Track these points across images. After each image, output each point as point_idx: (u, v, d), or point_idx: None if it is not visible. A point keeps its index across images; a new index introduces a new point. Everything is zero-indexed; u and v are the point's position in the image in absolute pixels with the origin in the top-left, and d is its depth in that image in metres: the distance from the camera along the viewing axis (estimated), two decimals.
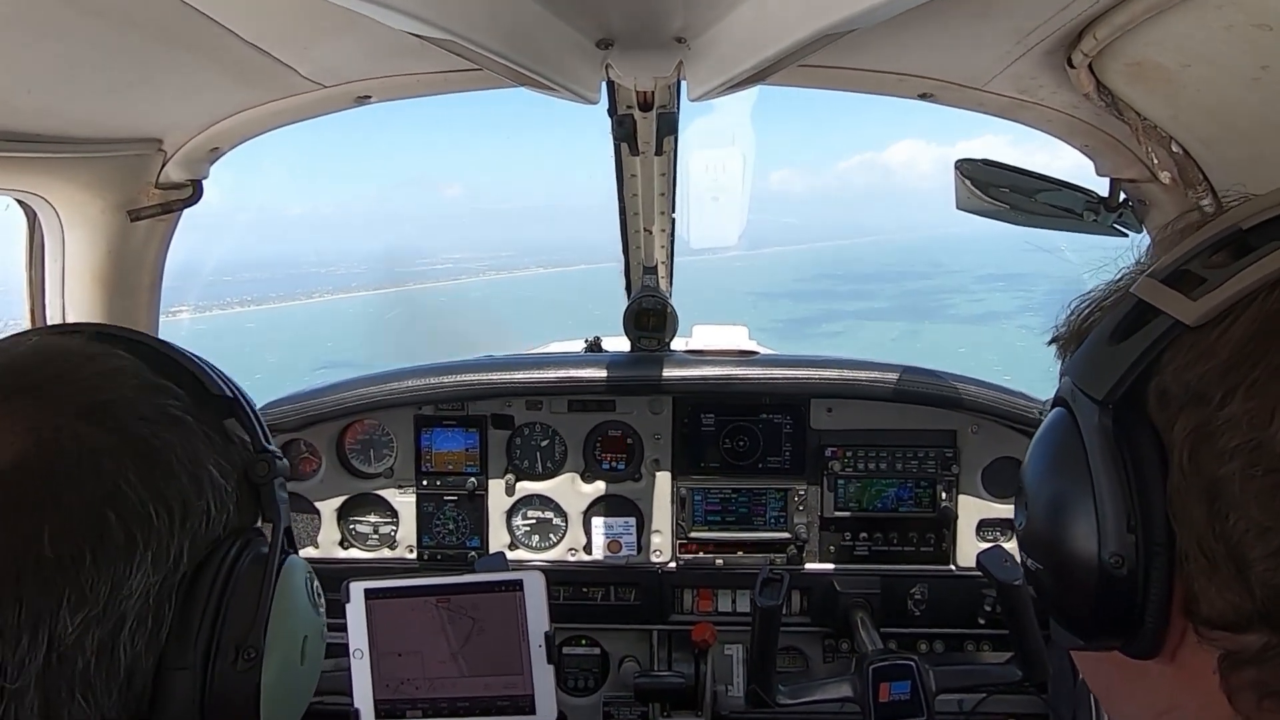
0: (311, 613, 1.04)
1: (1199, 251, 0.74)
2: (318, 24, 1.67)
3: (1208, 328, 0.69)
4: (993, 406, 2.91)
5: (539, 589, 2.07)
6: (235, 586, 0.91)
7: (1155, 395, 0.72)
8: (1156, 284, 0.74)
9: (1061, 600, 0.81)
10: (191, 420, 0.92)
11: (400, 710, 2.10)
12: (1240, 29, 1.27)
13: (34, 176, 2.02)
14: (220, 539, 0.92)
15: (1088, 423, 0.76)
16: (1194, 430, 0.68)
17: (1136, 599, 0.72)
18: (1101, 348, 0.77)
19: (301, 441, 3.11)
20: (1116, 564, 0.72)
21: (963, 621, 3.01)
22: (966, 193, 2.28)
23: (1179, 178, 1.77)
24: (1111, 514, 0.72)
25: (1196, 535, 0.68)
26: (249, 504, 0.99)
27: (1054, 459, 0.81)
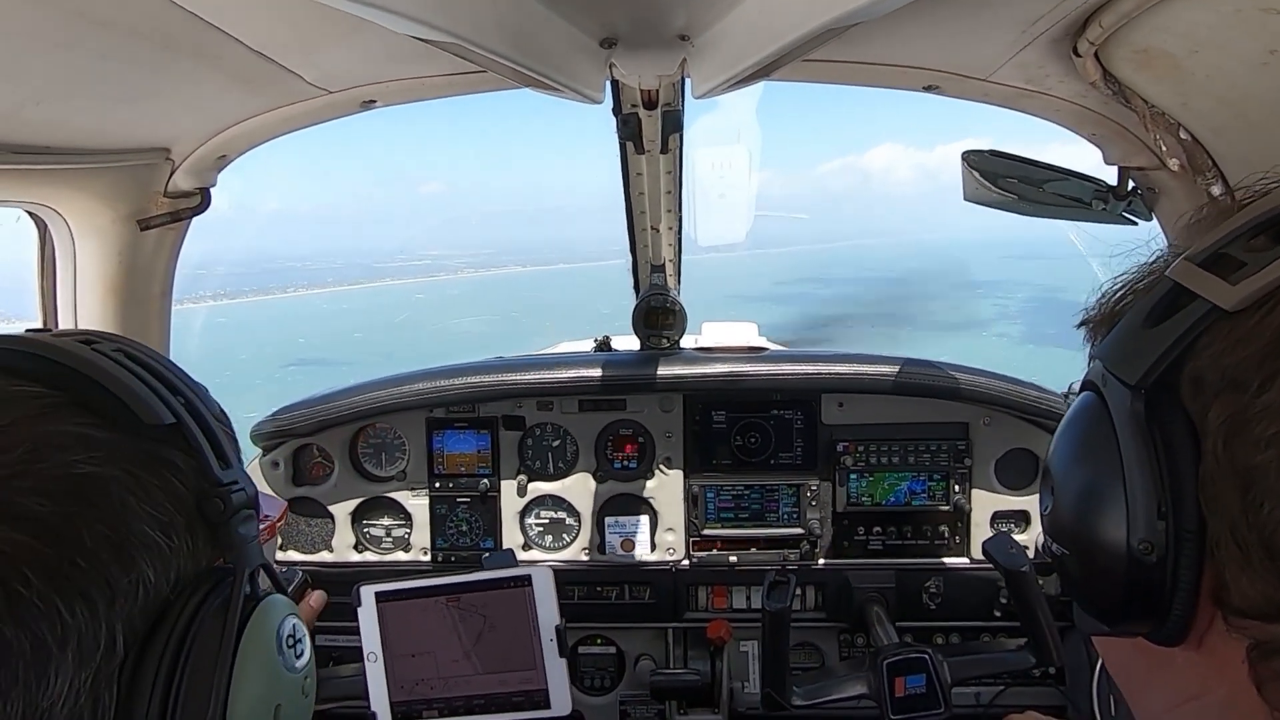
0: (284, 673, 0.90)
1: (1238, 235, 0.72)
2: (322, 30, 1.68)
3: (1246, 313, 0.67)
4: (1004, 398, 2.90)
5: (548, 583, 2.08)
6: (186, 660, 0.78)
7: (1189, 381, 0.70)
8: (1193, 267, 0.72)
9: (1087, 585, 0.80)
10: (114, 471, 0.77)
11: (416, 711, 2.11)
12: (1248, 13, 1.26)
13: (44, 188, 2.04)
14: (169, 603, 0.79)
15: (1119, 407, 0.75)
16: (1229, 417, 0.67)
17: (1165, 586, 0.71)
18: (1135, 331, 0.75)
19: (314, 446, 3.12)
20: (1146, 550, 0.71)
21: (978, 614, 3.00)
22: (974, 184, 2.27)
23: (1188, 164, 1.75)
24: (1142, 500, 0.71)
25: (1229, 523, 0.67)
26: (208, 544, 0.85)
27: (1083, 443, 0.80)
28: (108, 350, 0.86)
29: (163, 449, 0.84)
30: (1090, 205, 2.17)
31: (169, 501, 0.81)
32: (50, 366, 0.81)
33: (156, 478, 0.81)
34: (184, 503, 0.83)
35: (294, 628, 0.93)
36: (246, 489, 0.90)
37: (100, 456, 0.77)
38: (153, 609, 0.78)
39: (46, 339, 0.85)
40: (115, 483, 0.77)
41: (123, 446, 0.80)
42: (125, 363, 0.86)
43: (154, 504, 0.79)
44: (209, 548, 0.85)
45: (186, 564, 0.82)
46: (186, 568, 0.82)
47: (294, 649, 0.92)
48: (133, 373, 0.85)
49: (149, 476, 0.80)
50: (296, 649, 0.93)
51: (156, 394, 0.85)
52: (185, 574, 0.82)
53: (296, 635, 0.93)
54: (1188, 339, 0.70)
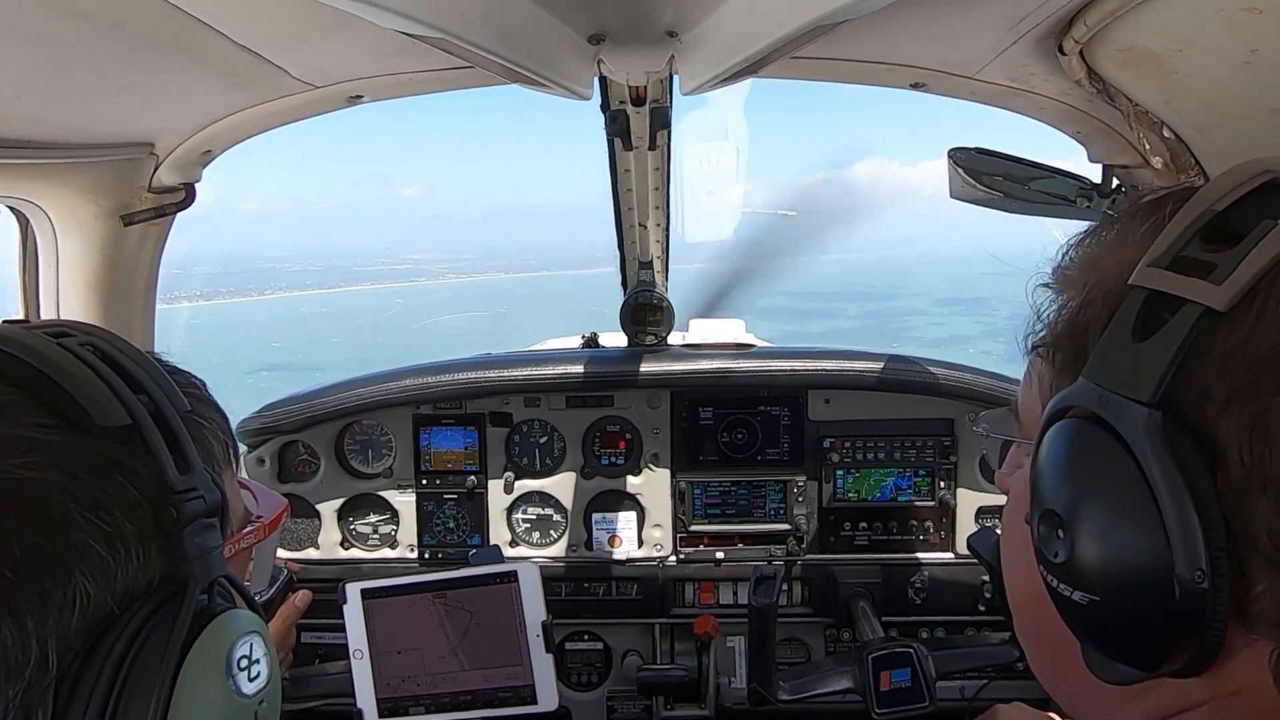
0: (232, 698, 0.82)
1: (1190, 237, 0.71)
2: (308, 24, 1.67)
3: (1239, 312, 0.66)
4: (990, 394, 2.92)
5: (534, 579, 2.08)
6: (126, 679, 0.74)
7: (1193, 390, 0.67)
8: (1163, 272, 0.70)
9: (1127, 630, 0.73)
10: (55, 478, 0.73)
11: (403, 708, 2.11)
12: (1230, 13, 1.27)
13: (26, 182, 2.02)
14: (113, 616, 0.75)
15: (1131, 429, 0.69)
16: (1250, 422, 0.64)
17: (1208, 613, 0.67)
18: (1126, 347, 0.71)
19: (300, 443, 3.11)
20: (1199, 579, 0.66)
21: (964, 608, 3.02)
22: (960, 181, 2.28)
23: (1171, 163, 1.77)
24: (1181, 525, 0.66)
25: (1265, 530, 0.64)
26: (162, 554, 0.80)
27: (1098, 475, 0.72)
28: (74, 345, 0.82)
29: (118, 451, 0.79)
30: (1075, 203, 2.18)
31: (118, 509, 0.76)
32: (10, 361, 0.78)
33: (106, 483, 0.76)
34: (137, 510, 0.78)
35: (250, 648, 0.85)
36: (206, 496, 0.83)
37: (42, 461, 0.73)
38: (94, 624, 0.74)
39: (14, 331, 0.82)
40: (56, 489, 0.73)
41: (72, 450, 0.76)
42: (87, 358, 0.81)
43: (99, 512, 0.75)
44: (164, 558, 0.80)
45: (137, 575, 0.77)
46: (137, 579, 0.77)
47: (247, 671, 0.84)
48: (94, 369, 0.80)
49: (97, 482, 0.76)
50: (250, 671, 0.84)
51: (116, 392, 0.80)
52: (135, 586, 0.77)
53: (253, 656, 0.85)
54: (1187, 345, 0.67)
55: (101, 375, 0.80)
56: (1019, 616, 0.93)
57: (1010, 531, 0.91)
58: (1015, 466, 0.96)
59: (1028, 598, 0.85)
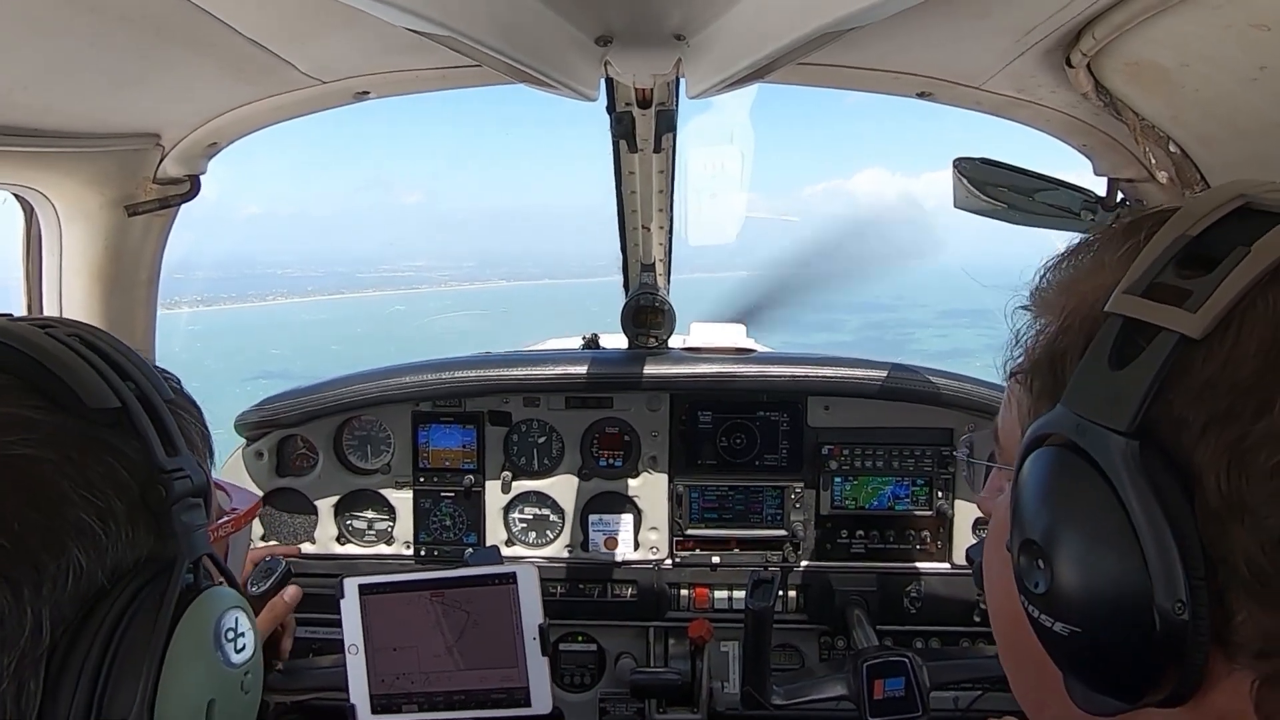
0: (221, 668, 0.86)
1: (1165, 263, 0.71)
2: (317, 19, 1.67)
3: (1214, 339, 0.66)
4: (990, 405, 2.91)
5: (532, 582, 2.08)
6: (117, 649, 0.77)
7: (1167, 419, 0.67)
8: (1139, 300, 0.70)
9: (1105, 662, 0.72)
10: (50, 455, 0.77)
11: (396, 704, 2.11)
12: (1238, 29, 1.27)
13: (31, 171, 2.02)
14: (103, 590, 0.78)
15: (1108, 459, 0.69)
16: (1227, 449, 0.64)
17: (1189, 643, 0.66)
18: (1103, 374, 0.71)
19: (299, 437, 3.11)
20: (1179, 609, 0.65)
21: (959, 619, 3.01)
22: (964, 192, 2.28)
23: (1176, 177, 1.77)
24: (1161, 555, 0.66)
25: (1244, 559, 0.64)
26: (150, 533, 0.84)
27: (1077, 505, 0.72)
28: (61, 335, 0.86)
29: (108, 434, 0.82)
30: (1079, 215, 2.18)
31: (109, 487, 0.80)
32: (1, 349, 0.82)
33: (98, 463, 0.80)
34: (126, 489, 0.81)
35: (236, 621, 0.90)
36: (193, 476, 0.87)
37: (37, 439, 0.77)
38: (86, 596, 0.77)
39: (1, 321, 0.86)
40: (50, 466, 0.76)
41: (64, 430, 0.79)
42: (76, 346, 0.85)
43: (91, 490, 0.78)
44: (151, 536, 0.84)
45: (125, 552, 0.81)
46: (125, 556, 0.81)
47: (234, 643, 0.89)
48: (81, 356, 0.84)
49: (89, 461, 0.79)
50: (236, 643, 0.89)
51: (104, 377, 0.84)
52: (124, 562, 0.81)
53: (239, 629, 0.90)
54: (1163, 374, 0.67)
55: (90, 361, 0.84)
56: (1001, 640, 0.93)
57: (991, 556, 0.91)
58: (996, 490, 0.97)
59: (1009, 624, 0.85)
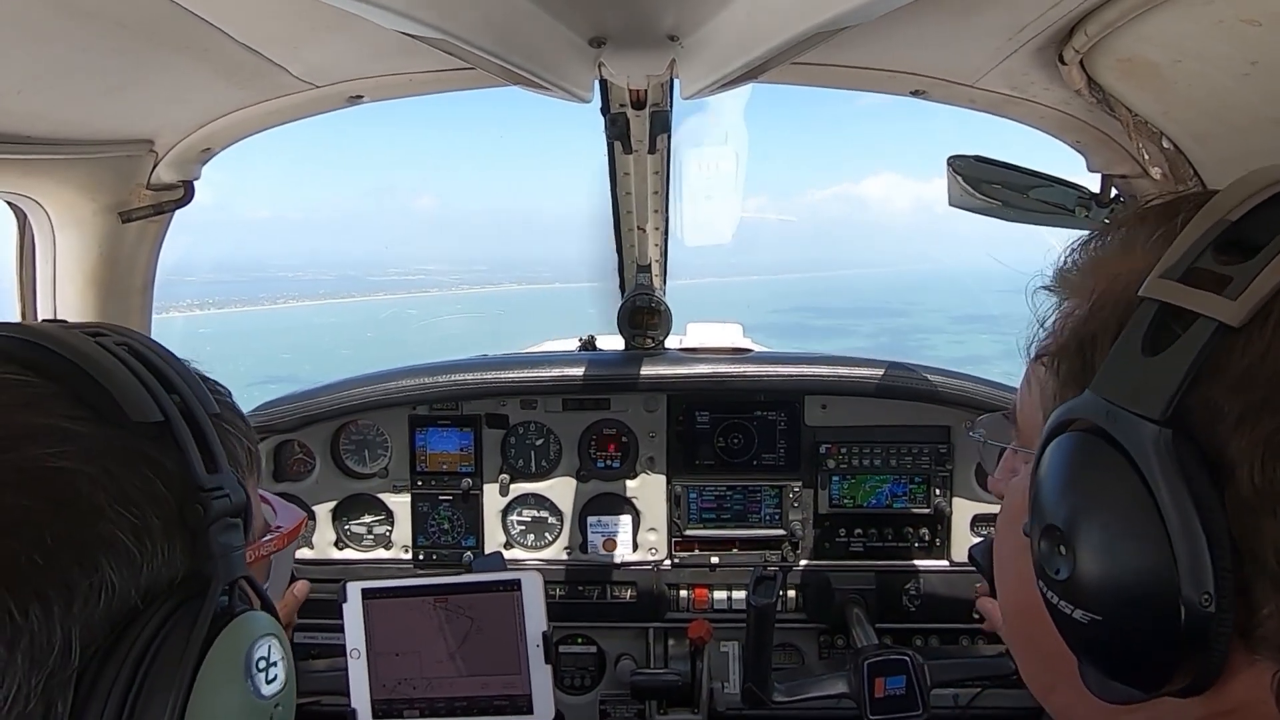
0: (250, 699, 0.83)
1: (1203, 248, 0.69)
2: (309, 24, 1.67)
3: (1253, 327, 0.64)
4: (986, 402, 2.92)
5: (537, 589, 2.07)
6: (146, 674, 0.74)
7: (1203, 407, 0.66)
8: (1176, 285, 0.69)
9: (1127, 651, 0.71)
10: (87, 469, 0.74)
11: (397, 710, 2.10)
12: (1230, 24, 1.28)
13: (25, 178, 2.01)
14: (136, 610, 0.75)
15: (1140, 446, 0.67)
16: (1264, 440, 0.63)
17: (1212, 634, 0.65)
18: (1136, 360, 0.69)
19: (296, 442, 3.10)
20: (1205, 602, 0.64)
21: (958, 616, 3.02)
22: (959, 189, 2.28)
23: (1170, 173, 1.77)
24: (1190, 546, 0.65)
25: (1274, 552, 0.63)
26: (187, 552, 0.80)
27: (1104, 492, 0.70)
28: (110, 344, 0.83)
29: (149, 447, 0.79)
30: (1074, 212, 2.18)
31: (147, 503, 0.76)
32: (47, 356, 0.79)
33: (136, 477, 0.77)
34: (164, 505, 0.78)
35: (270, 649, 0.86)
36: (232, 495, 0.84)
37: (75, 452, 0.74)
38: (118, 616, 0.74)
39: (49, 328, 0.83)
40: (87, 480, 0.73)
41: (105, 443, 0.76)
42: (123, 356, 0.82)
43: (128, 505, 0.75)
44: (187, 556, 0.80)
45: (161, 571, 0.77)
46: (161, 575, 0.77)
47: (265, 672, 0.85)
48: (129, 367, 0.81)
49: (128, 475, 0.76)
50: (269, 673, 0.85)
51: (148, 389, 0.81)
52: (159, 582, 0.77)
53: (271, 658, 0.86)
54: (1200, 361, 0.66)
55: (135, 372, 0.82)
56: (1010, 623, 0.92)
57: (1004, 539, 0.90)
58: (1010, 472, 0.95)
59: (1021, 607, 0.84)
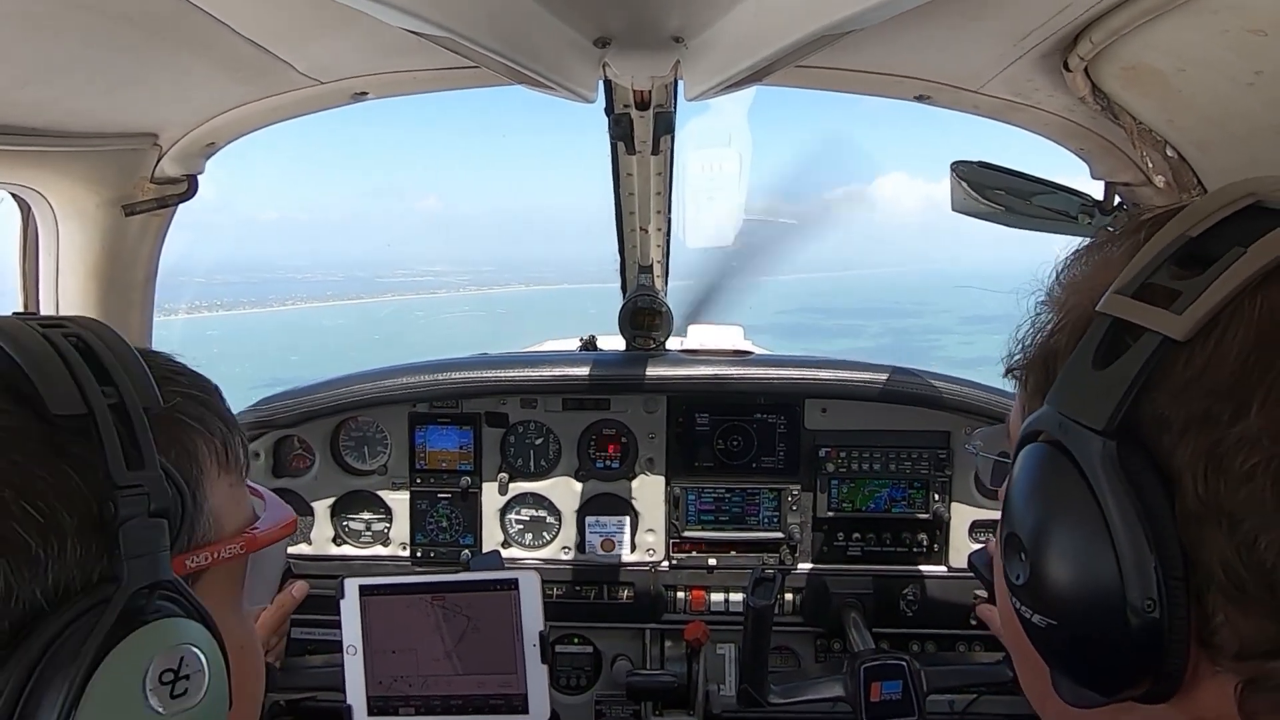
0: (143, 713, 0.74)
1: (1159, 264, 0.71)
2: (315, 20, 1.67)
3: (1197, 341, 0.66)
4: (987, 408, 2.92)
5: (534, 588, 2.07)
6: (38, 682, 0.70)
7: (1151, 420, 0.68)
8: (1128, 300, 0.71)
9: (1083, 655, 0.74)
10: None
11: (393, 707, 2.10)
12: (1235, 34, 1.28)
13: (28, 170, 2.02)
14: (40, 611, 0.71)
15: (1087, 457, 0.70)
16: (1205, 453, 0.64)
17: (1165, 641, 0.67)
18: (1086, 374, 0.72)
19: (295, 438, 3.10)
20: (1149, 608, 0.67)
21: (955, 622, 3.01)
22: (962, 194, 2.28)
23: (1173, 181, 1.77)
24: (1134, 554, 0.67)
25: (1220, 563, 0.64)
26: (103, 551, 0.75)
27: (1055, 501, 0.74)
28: (57, 335, 0.80)
29: (73, 443, 0.76)
30: (1077, 219, 2.18)
31: (57, 499, 0.73)
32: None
33: (51, 473, 0.74)
34: (77, 503, 0.74)
35: (182, 662, 0.77)
36: (153, 494, 0.79)
37: None
38: (19, 618, 0.71)
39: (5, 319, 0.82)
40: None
41: (22, 434, 0.74)
42: (64, 349, 0.79)
43: (34, 501, 0.72)
44: (105, 556, 0.75)
45: (72, 571, 0.73)
46: (72, 575, 0.73)
47: (171, 686, 0.76)
48: (64, 357, 0.78)
49: (41, 471, 0.73)
50: (175, 686, 0.76)
51: (78, 382, 0.77)
52: (71, 583, 0.73)
53: (184, 671, 0.77)
54: (1144, 375, 0.68)
55: (69, 364, 0.78)
56: (1005, 633, 0.93)
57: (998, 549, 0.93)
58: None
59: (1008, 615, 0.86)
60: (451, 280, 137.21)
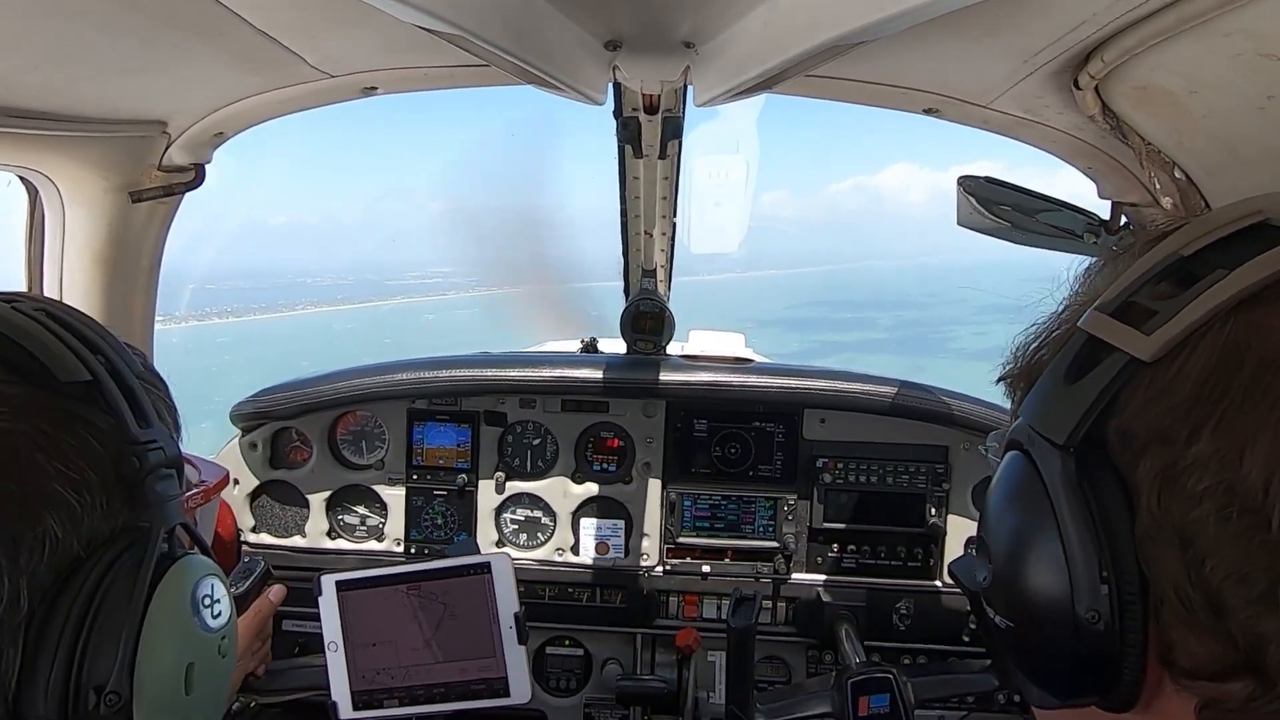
0: (198, 632, 0.89)
1: (1144, 282, 0.72)
2: (327, 13, 1.67)
3: (1164, 362, 0.66)
4: (986, 424, 2.91)
5: (507, 570, 2.07)
6: (95, 617, 0.79)
7: (1116, 436, 0.69)
8: (1105, 318, 0.72)
9: (1034, 659, 0.77)
10: (23, 427, 0.78)
11: (378, 700, 2.10)
12: (1248, 57, 1.27)
13: (37, 153, 2.02)
14: (79, 559, 0.80)
15: (1050, 469, 0.72)
16: (1160, 472, 0.65)
17: (1114, 653, 0.69)
18: (1056, 388, 0.73)
19: (293, 430, 3.11)
20: (1093, 619, 0.68)
21: (948, 637, 3.01)
22: (968, 209, 2.28)
23: (1180, 203, 1.77)
24: (1084, 566, 0.69)
25: (1171, 582, 0.65)
26: (124, 503, 0.85)
27: (1016, 509, 0.76)
28: (28, 309, 0.87)
29: (80, 407, 0.84)
30: (1082, 238, 2.18)
31: (82, 459, 0.81)
32: None
33: (71, 435, 0.81)
34: (100, 461, 0.83)
35: (212, 588, 0.92)
36: (166, 448, 0.89)
37: (9, 413, 0.78)
38: (62, 565, 0.79)
39: None
40: (24, 439, 0.78)
41: (37, 403, 0.80)
42: (46, 321, 0.86)
43: (65, 461, 0.79)
44: (126, 507, 0.85)
45: (100, 522, 0.82)
46: (100, 526, 0.82)
47: (210, 609, 0.91)
48: (52, 331, 0.85)
49: (62, 434, 0.81)
50: (213, 609, 0.91)
51: (75, 352, 0.85)
52: (99, 532, 0.82)
53: (214, 595, 0.92)
54: (1109, 392, 0.69)
55: (59, 336, 0.85)
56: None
57: None
58: None
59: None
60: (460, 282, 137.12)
